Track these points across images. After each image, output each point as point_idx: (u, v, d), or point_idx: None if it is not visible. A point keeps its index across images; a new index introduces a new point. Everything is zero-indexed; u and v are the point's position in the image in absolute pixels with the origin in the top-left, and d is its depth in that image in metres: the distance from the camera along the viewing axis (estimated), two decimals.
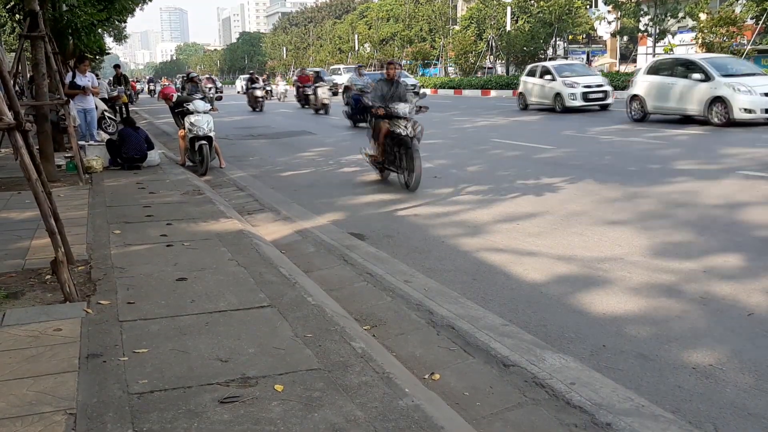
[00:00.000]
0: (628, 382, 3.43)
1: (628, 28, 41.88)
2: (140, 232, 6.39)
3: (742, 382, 3.41)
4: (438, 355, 3.83)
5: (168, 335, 3.79)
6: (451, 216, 7.41)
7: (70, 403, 3.00)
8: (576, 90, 21.83)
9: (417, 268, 5.54)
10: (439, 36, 60.32)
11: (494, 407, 3.24)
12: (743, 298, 4.55)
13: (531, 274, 5.26)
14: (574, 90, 21.84)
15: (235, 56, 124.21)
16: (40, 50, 9.21)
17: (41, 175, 4.71)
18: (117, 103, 20.72)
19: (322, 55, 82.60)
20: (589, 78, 22.77)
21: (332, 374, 3.27)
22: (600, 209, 7.39)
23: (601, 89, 22.18)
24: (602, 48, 59.65)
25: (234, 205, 8.31)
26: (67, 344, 3.68)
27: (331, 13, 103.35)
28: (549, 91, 22.72)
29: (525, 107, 24.09)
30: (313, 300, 4.38)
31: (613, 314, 4.39)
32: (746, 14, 32.33)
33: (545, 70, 23.36)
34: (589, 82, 22.25)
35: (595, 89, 22.01)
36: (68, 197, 8.25)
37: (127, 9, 19.46)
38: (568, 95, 21.78)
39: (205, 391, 3.10)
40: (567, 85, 21.98)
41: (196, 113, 11.25)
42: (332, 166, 11.84)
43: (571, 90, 21.84)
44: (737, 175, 9.05)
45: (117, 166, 10.95)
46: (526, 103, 24.15)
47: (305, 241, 6.49)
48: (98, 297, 4.47)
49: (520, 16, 51.97)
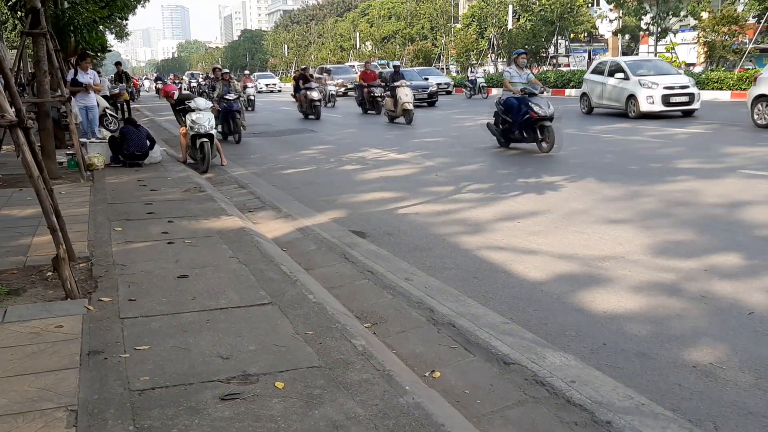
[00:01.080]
0: (628, 381, 3.44)
1: (629, 26, 41.89)
2: (141, 229, 6.40)
3: (742, 380, 3.42)
4: (438, 353, 3.84)
5: (169, 332, 3.80)
6: (452, 214, 7.41)
7: (71, 399, 3.01)
8: (655, 92, 17.76)
9: (418, 266, 5.54)
10: (441, 34, 60.34)
11: (494, 405, 3.24)
12: (744, 297, 4.55)
13: (532, 273, 5.27)
14: (652, 92, 17.79)
15: (236, 54, 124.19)
16: (42, 47, 9.21)
17: (43, 173, 4.71)
18: (118, 101, 20.72)
19: (324, 53, 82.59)
20: (671, 78, 18.48)
21: (333, 372, 3.28)
22: (601, 208, 7.39)
23: (686, 91, 17.99)
24: (604, 46, 59.61)
25: (235, 203, 8.31)
26: (69, 341, 3.69)
27: (332, 11, 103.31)
28: (620, 93, 18.80)
29: (589, 110, 20.37)
30: (314, 297, 4.39)
31: (613, 313, 4.39)
32: (748, 13, 32.32)
33: (616, 67, 19.39)
34: (672, 83, 18.08)
35: (678, 91, 17.89)
36: (70, 194, 8.26)
37: (128, 6, 19.46)
38: (645, 98, 17.78)
39: (206, 388, 3.11)
40: (644, 86, 17.96)
41: (197, 111, 11.26)
42: (333, 164, 11.84)
43: (649, 92, 17.81)
44: (738, 174, 9.05)
45: (118, 163, 10.96)
46: (590, 106, 20.37)
47: (306, 239, 6.50)
48: (99, 294, 4.48)
49: (522, 14, 51.98)
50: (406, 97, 19.01)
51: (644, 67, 19.50)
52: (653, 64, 20.25)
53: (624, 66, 19.14)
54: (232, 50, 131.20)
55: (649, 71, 18.88)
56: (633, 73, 18.57)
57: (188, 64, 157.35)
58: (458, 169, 10.69)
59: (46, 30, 9.16)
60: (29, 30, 9.02)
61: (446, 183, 9.37)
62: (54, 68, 9.69)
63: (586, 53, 59.50)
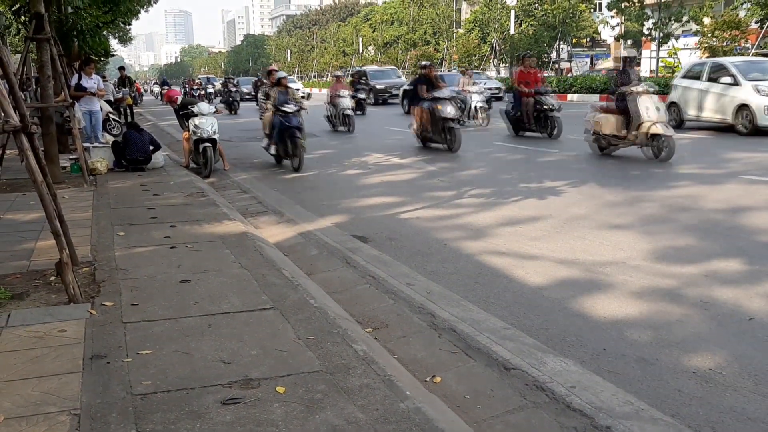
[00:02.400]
0: (628, 386, 3.45)
1: (631, 31, 41.88)
2: (144, 233, 6.43)
3: (741, 386, 3.43)
4: (439, 358, 3.85)
5: (171, 337, 3.82)
6: (453, 219, 7.43)
7: (74, 403, 3.03)
8: None
9: (419, 270, 5.56)
10: (443, 39, 60.42)
11: (495, 410, 3.26)
12: (744, 303, 4.56)
13: (533, 278, 5.28)
14: None
15: (239, 58, 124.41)
16: (46, 52, 9.27)
17: (46, 177, 4.74)
18: (121, 105, 20.78)
19: (326, 57, 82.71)
20: None
21: (334, 376, 3.29)
22: (602, 213, 7.41)
23: None
24: (606, 51, 59.64)
25: (237, 207, 8.34)
26: (72, 345, 3.71)
27: (335, 15, 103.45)
28: (727, 102, 15.00)
29: (680, 123, 16.30)
30: (315, 302, 4.41)
31: (614, 318, 4.40)
32: (750, 18, 32.32)
33: (719, 70, 15.61)
34: None
35: None
36: (73, 199, 8.29)
37: (132, 11, 19.54)
38: (763, 109, 14.06)
39: (207, 393, 3.13)
40: (762, 93, 14.25)
41: (200, 115, 11.30)
42: (335, 169, 11.87)
43: None
44: (739, 180, 9.06)
45: (121, 167, 11.00)
46: (681, 118, 16.44)
47: (308, 244, 6.52)
48: (102, 298, 4.50)
49: (524, 19, 52.01)
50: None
51: (757, 69, 15.58)
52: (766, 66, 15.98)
53: (731, 68, 15.31)
54: (235, 55, 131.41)
55: (766, 75, 15.18)
56: (744, 77, 14.89)
57: (191, 68, 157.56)
58: (460, 173, 10.71)
59: (50, 35, 9.22)
60: (33, 35, 9.08)
61: (448, 188, 9.39)
62: (57, 73, 9.73)
63: (588, 58, 59.54)
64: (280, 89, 11.81)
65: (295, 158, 11.55)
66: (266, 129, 12.14)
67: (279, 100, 11.56)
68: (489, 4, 54.16)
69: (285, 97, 11.68)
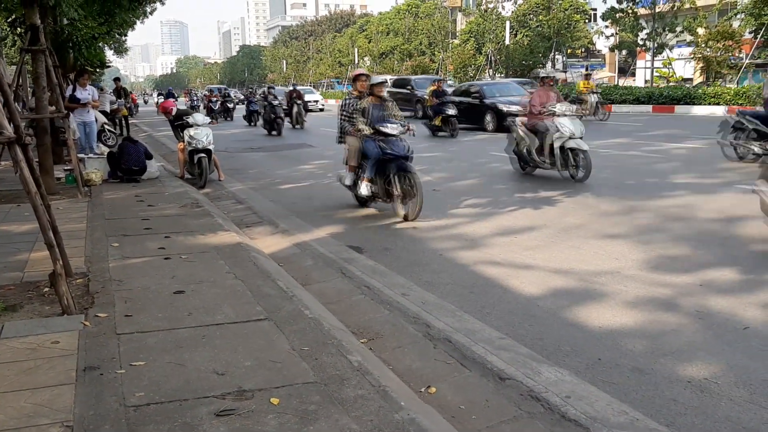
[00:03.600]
0: (623, 396, 3.45)
1: (626, 42, 42.07)
2: (138, 245, 6.41)
3: (736, 396, 3.42)
4: (434, 369, 3.84)
5: (165, 348, 3.81)
6: (449, 229, 7.43)
7: (67, 415, 3.01)
8: None
9: (415, 281, 5.55)
10: (439, 50, 60.62)
11: (490, 420, 3.25)
12: (739, 312, 4.56)
13: (528, 288, 5.28)
14: None
15: (235, 69, 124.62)
16: (41, 64, 9.27)
17: (40, 188, 4.73)
18: (117, 116, 20.79)
19: (322, 68, 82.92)
20: None
21: (328, 387, 3.28)
22: (597, 223, 7.42)
23: None
24: (601, 62, 59.89)
25: (232, 218, 8.33)
26: (65, 357, 3.69)
27: (331, 26, 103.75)
28: None
29: None
30: (310, 313, 4.40)
31: (609, 328, 4.40)
32: (744, 28, 32.50)
33: None
34: None
35: None
36: (67, 210, 8.28)
37: (127, 22, 19.58)
38: None
39: (201, 404, 3.11)
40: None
41: (195, 126, 11.30)
42: (331, 179, 11.84)
43: None
44: (734, 189, 9.09)
45: (116, 178, 10.99)
46: None
47: (303, 254, 6.51)
48: (96, 310, 4.48)
49: (519, 30, 52.26)
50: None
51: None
52: None
53: None
54: (231, 66, 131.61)
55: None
56: None
57: (187, 79, 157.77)
58: (455, 184, 10.72)
59: (46, 47, 9.22)
60: (29, 46, 9.08)
61: (443, 198, 9.39)
62: (53, 84, 9.73)
63: (583, 68, 59.78)
64: (373, 101, 8.42)
65: (408, 201, 7.87)
66: (353, 159, 8.64)
67: (373, 116, 8.26)
68: (484, 14, 54.44)
69: (381, 111, 8.37)
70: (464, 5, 68.06)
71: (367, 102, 8.43)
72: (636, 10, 37.01)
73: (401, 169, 7.86)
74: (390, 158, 7.96)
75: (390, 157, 7.95)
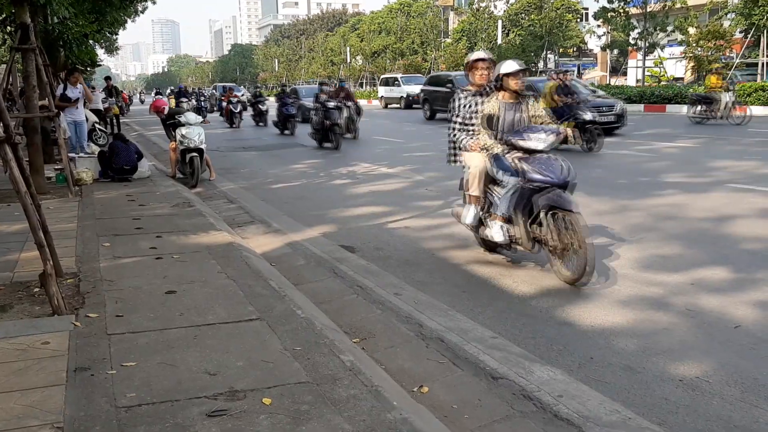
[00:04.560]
0: (615, 395, 3.45)
1: (618, 41, 42.23)
2: (130, 244, 6.38)
3: (728, 394, 3.43)
4: (427, 368, 3.84)
5: (156, 348, 3.79)
6: (441, 228, 7.43)
7: (57, 416, 2.99)
8: None
9: (407, 280, 5.55)
10: (431, 49, 60.66)
11: (482, 420, 3.25)
12: (730, 311, 4.58)
13: (520, 287, 5.28)
14: None
15: (227, 68, 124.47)
16: (31, 62, 9.21)
17: (30, 188, 4.70)
18: (108, 115, 20.72)
19: (314, 67, 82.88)
20: None
21: (321, 387, 3.27)
22: (589, 222, 7.39)
23: None
24: (593, 61, 60.10)
25: (224, 218, 8.30)
26: (55, 357, 3.67)
27: (323, 25, 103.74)
28: None
29: None
30: (302, 313, 4.38)
31: (601, 327, 4.41)
32: (735, 28, 32.67)
33: None
34: None
35: None
36: (58, 209, 8.23)
37: (118, 21, 19.52)
38: None
39: (193, 405, 3.10)
40: None
41: (187, 125, 11.27)
42: (323, 178, 11.86)
43: None
44: (725, 188, 9.12)
45: (107, 178, 10.93)
46: None
47: (295, 254, 6.50)
48: (87, 310, 4.46)
49: (511, 29, 52.38)
50: None
51: None
52: None
53: None
54: (223, 64, 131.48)
55: None
56: None
57: (179, 78, 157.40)
58: (448, 183, 10.70)
59: (36, 45, 9.17)
60: (19, 45, 9.02)
61: (436, 197, 9.39)
62: (43, 83, 9.68)
63: (575, 68, 59.95)
64: (505, 98, 5.73)
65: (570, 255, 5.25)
66: (476, 186, 5.95)
67: (505, 122, 5.70)
68: (476, 14, 54.54)
69: (518, 113, 5.73)
70: (456, 4, 68.15)
71: (496, 101, 5.75)
72: (627, 9, 37.15)
73: (556, 204, 5.24)
74: (538, 187, 5.38)
75: (537, 186, 5.38)
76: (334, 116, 16.81)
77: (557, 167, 5.36)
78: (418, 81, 37.83)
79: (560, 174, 5.33)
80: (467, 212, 6.11)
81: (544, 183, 5.31)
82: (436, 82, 27.56)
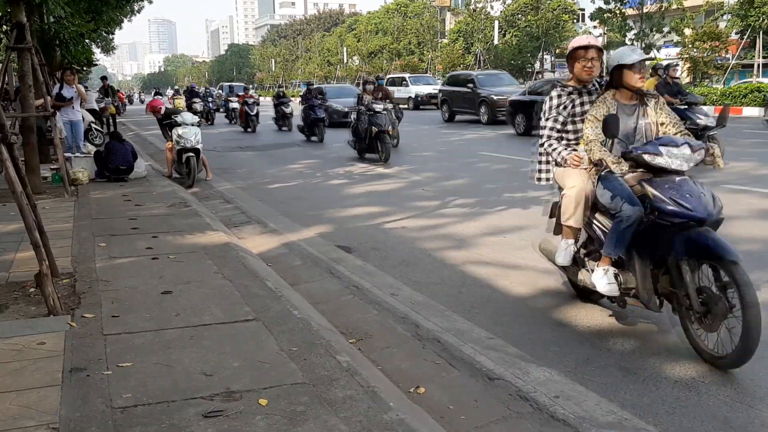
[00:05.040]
0: (612, 396, 3.45)
1: (614, 42, 42.27)
2: (126, 244, 6.37)
3: (724, 394, 3.44)
4: (423, 369, 3.84)
5: (152, 349, 3.78)
6: (438, 229, 7.43)
7: (53, 417, 2.99)
8: None
9: (404, 281, 5.55)
10: (428, 49, 60.73)
11: (478, 421, 3.25)
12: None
13: (517, 288, 5.29)
14: None
15: (223, 68, 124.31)
16: (27, 62, 9.19)
17: (26, 188, 4.69)
18: (104, 115, 20.69)
19: (311, 67, 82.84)
20: None
21: (317, 388, 3.27)
22: None
23: None
24: None
25: (221, 218, 8.29)
26: (51, 358, 3.66)
27: (319, 25, 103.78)
28: None
29: None
30: (299, 313, 4.38)
31: (597, 328, 4.41)
32: (731, 29, 32.75)
33: None
34: None
35: None
36: (53, 209, 8.21)
37: (114, 20, 19.50)
38: None
39: (189, 406, 3.09)
40: None
41: (183, 125, 11.26)
42: (320, 179, 11.85)
43: None
44: (722, 189, 9.12)
45: (103, 178, 10.91)
46: None
47: (292, 254, 6.49)
48: (83, 310, 4.45)
49: (508, 30, 52.44)
50: None
51: None
52: None
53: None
54: (219, 64, 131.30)
55: None
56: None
57: (175, 77, 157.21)
58: (444, 183, 10.72)
59: (32, 45, 9.14)
60: (14, 44, 9.00)
61: (432, 197, 9.39)
62: (39, 83, 9.65)
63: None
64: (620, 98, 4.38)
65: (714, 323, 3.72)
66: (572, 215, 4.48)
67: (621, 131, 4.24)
68: (473, 14, 54.57)
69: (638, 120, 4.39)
70: (453, 5, 68.22)
71: (607, 102, 4.36)
72: (624, 10, 37.23)
73: (698, 251, 3.82)
74: (669, 221, 3.89)
75: (670, 221, 3.89)
76: (383, 122, 13.70)
77: (698, 195, 3.87)
78: (426, 81, 37.69)
79: (705, 206, 3.83)
80: (562, 251, 4.65)
81: (682, 217, 3.81)
82: (455, 81, 25.59)
